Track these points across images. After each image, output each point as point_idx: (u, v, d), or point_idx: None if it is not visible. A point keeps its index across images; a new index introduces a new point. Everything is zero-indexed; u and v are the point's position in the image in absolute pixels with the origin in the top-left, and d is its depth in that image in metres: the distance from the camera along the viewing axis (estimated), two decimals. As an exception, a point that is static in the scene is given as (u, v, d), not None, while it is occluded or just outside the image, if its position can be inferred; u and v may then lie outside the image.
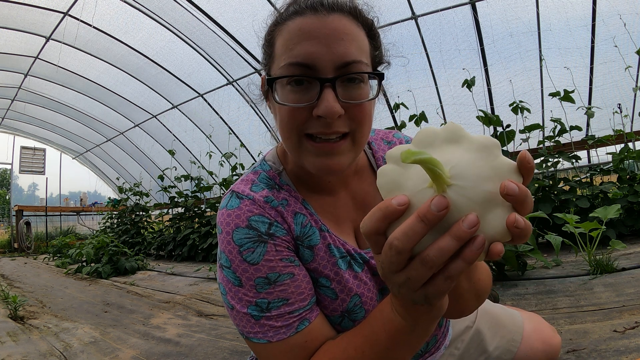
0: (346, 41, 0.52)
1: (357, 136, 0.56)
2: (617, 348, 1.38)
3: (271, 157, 0.68)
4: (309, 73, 0.52)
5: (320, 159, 0.55)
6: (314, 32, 0.52)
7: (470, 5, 4.65)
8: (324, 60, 0.51)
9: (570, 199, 3.51)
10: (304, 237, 0.61)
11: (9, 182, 15.20)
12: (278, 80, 0.54)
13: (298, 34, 0.53)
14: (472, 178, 0.34)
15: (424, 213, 0.32)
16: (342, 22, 0.53)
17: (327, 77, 0.51)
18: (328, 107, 0.51)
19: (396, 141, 0.75)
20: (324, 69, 0.52)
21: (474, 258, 0.33)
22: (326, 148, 0.54)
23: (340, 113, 0.52)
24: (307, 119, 0.53)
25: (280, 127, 0.57)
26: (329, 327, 0.59)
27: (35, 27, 6.24)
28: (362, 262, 0.64)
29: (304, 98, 0.53)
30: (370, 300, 0.62)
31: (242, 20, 5.59)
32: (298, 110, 0.53)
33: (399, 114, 4.81)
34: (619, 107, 4.54)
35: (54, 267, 6.30)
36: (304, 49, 0.52)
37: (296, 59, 0.52)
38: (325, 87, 0.51)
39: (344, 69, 0.52)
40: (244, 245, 0.56)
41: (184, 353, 2.00)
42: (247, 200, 0.59)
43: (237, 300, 0.56)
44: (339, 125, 0.53)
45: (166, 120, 8.53)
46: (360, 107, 0.54)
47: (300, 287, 0.57)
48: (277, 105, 0.55)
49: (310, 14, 0.53)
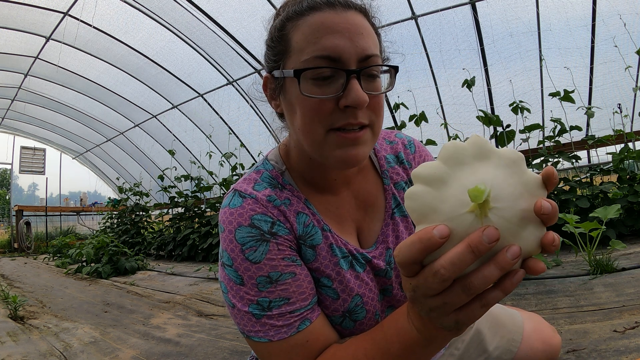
0: (365, 36, 0.54)
1: (375, 127, 0.57)
2: (617, 348, 1.38)
3: (273, 157, 0.68)
4: (337, 66, 0.53)
5: (345, 150, 0.55)
6: (337, 26, 0.53)
7: (470, 5, 4.65)
8: (349, 53, 0.53)
9: (570, 199, 3.51)
10: (307, 236, 0.61)
11: (9, 182, 15.20)
12: (302, 73, 0.54)
13: (321, 28, 0.53)
14: (508, 198, 0.34)
15: (476, 244, 0.32)
16: (358, 18, 0.55)
17: (353, 69, 0.53)
18: (358, 96, 0.52)
19: (398, 141, 0.74)
20: (348, 62, 0.53)
21: (511, 290, 0.34)
22: (352, 138, 0.55)
23: (367, 102, 0.53)
24: (332, 111, 0.54)
25: (303, 121, 0.56)
26: (330, 327, 0.59)
27: (35, 27, 6.24)
28: (364, 262, 0.64)
29: (330, 90, 0.53)
30: (372, 301, 0.62)
31: (242, 20, 5.59)
32: (324, 102, 0.54)
33: (399, 114, 4.81)
34: (619, 107, 4.54)
35: (54, 267, 6.30)
36: (330, 42, 0.53)
37: (323, 52, 0.53)
38: (352, 78, 0.53)
39: (364, 62, 0.54)
40: (247, 243, 0.56)
41: (184, 353, 2.00)
42: (250, 199, 0.59)
43: (239, 299, 0.56)
44: (362, 116, 0.54)
45: (166, 120, 8.53)
46: (378, 98, 0.56)
47: (301, 286, 0.57)
48: (298, 99, 0.55)
49: (328, 10, 0.54)
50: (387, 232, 0.67)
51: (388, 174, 0.70)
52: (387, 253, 0.66)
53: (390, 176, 0.70)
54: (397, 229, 0.67)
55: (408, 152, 0.73)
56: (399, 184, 0.70)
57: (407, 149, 0.73)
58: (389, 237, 0.66)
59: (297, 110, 0.56)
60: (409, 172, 0.71)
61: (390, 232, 0.67)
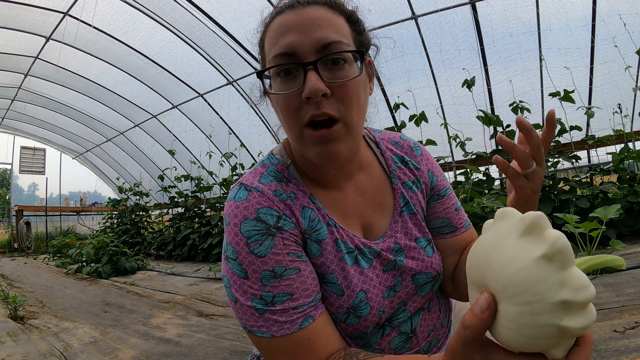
0: (323, 26, 0.55)
1: (347, 120, 0.57)
2: (617, 348, 1.38)
3: (278, 151, 0.68)
4: (293, 61, 0.55)
5: (319, 147, 0.56)
6: (292, 24, 0.56)
7: (470, 5, 4.65)
8: (304, 46, 0.54)
9: (570, 199, 3.51)
10: (312, 231, 0.61)
11: (9, 182, 15.18)
12: (271, 75, 0.58)
13: (279, 29, 0.57)
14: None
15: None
16: (318, 11, 0.57)
17: (309, 61, 0.54)
18: (311, 86, 0.53)
19: (404, 143, 0.75)
20: (305, 55, 0.55)
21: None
22: (323, 135, 0.55)
23: (325, 92, 0.53)
24: (301, 105, 0.55)
25: (283, 120, 0.59)
26: (333, 327, 0.59)
27: (35, 27, 6.24)
28: (372, 256, 0.64)
29: (293, 85, 0.55)
30: (376, 297, 0.62)
31: (242, 20, 5.58)
32: (290, 97, 0.56)
33: (399, 114, 4.81)
34: (619, 107, 4.54)
35: (54, 267, 6.30)
36: (285, 40, 0.55)
37: (279, 50, 0.56)
38: (308, 70, 0.54)
39: (323, 51, 0.55)
40: (252, 237, 0.56)
41: (184, 353, 2.00)
42: (256, 192, 0.60)
43: (242, 293, 0.56)
44: (327, 107, 0.54)
45: (166, 120, 8.53)
46: (345, 87, 0.55)
47: (305, 282, 0.57)
48: (273, 98, 0.59)
49: (289, 11, 0.57)
50: (395, 227, 0.68)
51: (396, 173, 0.71)
52: (395, 247, 0.66)
53: (398, 176, 0.71)
54: (406, 225, 0.68)
55: (415, 155, 0.74)
56: (406, 183, 0.71)
57: (414, 151, 0.75)
58: (397, 233, 0.67)
59: (277, 109, 0.60)
60: (415, 173, 0.72)
61: (399, 228, 0.68)
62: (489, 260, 0.36)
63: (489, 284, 0.36)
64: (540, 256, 0.33)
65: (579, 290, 0.32)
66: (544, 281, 0.32)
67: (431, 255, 0.68)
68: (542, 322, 0.33)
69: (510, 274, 0.34)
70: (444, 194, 0.74)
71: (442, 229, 0.72)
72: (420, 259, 0.66)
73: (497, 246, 0.36)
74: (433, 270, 0.67)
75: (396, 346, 0.66)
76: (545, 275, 0.32)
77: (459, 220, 0.73)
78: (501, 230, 0.37)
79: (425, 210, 0.72)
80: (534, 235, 0.34)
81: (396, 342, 0.66)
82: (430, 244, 0.69)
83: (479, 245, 0.38)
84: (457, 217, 0.73)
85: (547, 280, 0.32)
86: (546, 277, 0.32)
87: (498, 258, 0.35)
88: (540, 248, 0.33)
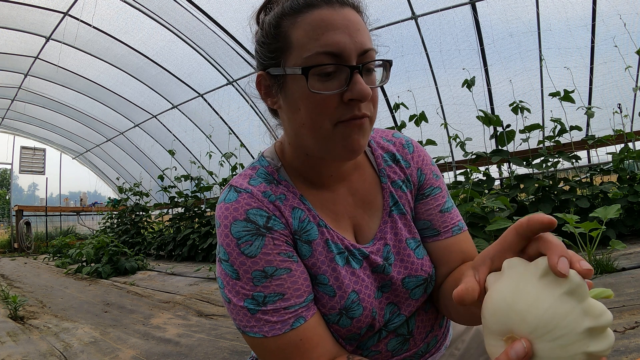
0: (362, 31, 0.56)
1: (373, 118, 0.59)
2: (617, 348, 1.38)
3: (269, 154, 0.68)
4: (339, 61, 0.55)
5: (351, 139, 0.57)
6: (337, 22, 0.55)
7: (470, 5, 4.65)
8: (350, 48, 0.54)
9: (570, 199, 3.51)
10: (302, 231, 0.61)
11: (9, 182, 15.19)
12: (310, 70, 0.55)
13: (322, 25, 0.55)
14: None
15: None
16: (354, 15, 0.57)
17: (355, 65, 0.55)
18: (363, 89, 0.54)
19: (395, 141, 0.74)
20: (349, 57, 0.55)
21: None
22: (358, 123, 0.57)
23: (371, 95, 0.55)
24: (337, 106, 0.56)
25: (308, 117, 0.56)
26: (325, 328, 0.59)
27: (35, 27, 6.24)
28: (362, 257, 0.64)
29: (334, 85, 0.55)
30: (368, 297, 0.62)
31: (242, 21, 5.54)
32: (330, 98, 0.55)
33: (399, 114, 4.82)
34: (619, 107, 4.54)
35: (54, 267, 6.30)
36: (332, 38, 0.54)
37: (326, 48, 0.54)
38: (355, 73, 0.55)
39: (363, 57, 0.56)
40: (242, 238, 0.57)
41: (184, 353, 2.00)
42: (245, 193, 0.60)
43: (234, 294, 0.57)
44: (365, 108, 0.56)
45: (166, 120, 8.53)
46: (375, 91, 0.59)
47: (297, 282, 0.57)
48: (303, 95, 0.55)
49: (326, 7, 0.56)
50: (385, 229, 0.67)
51: (385, 172, 0.70)
52: (384, 249, 0.66)
53: (387, 174, 0.70)
54: (395, 226, 0.67)
55: (406, 152, 0.73)
56: (395, 182, 0.70)
57: (405, 148, 0.73)
58: (387, 234, 0.67)
59: (301, 107, 0.56)
60: (405, 172, 0.71)
61: (388, 229, 0.67)
62: (512, 306, 0.38)
63: (515, 329, 0.38)
64: (563, 293, 0.36)
65: (600, 316, 0.35)
66: (570, 314, 0.35)
67: (421, 257, 0.67)
68: (572, 351, 0.35)
69: (537, 314, 0.36)
70: (429, 194, 0.71)
71: (424, 232, 0.69)
72: (409, 261, 0.66)
73: (517, 292, 0.38)
74: (424, 272, 0.66)
75: (393, 348, 0.65)
76: (570, 309, 0.36)
77: (442, 224, 0.68)
78: (516, 277, 0.39)
79: (413, 210, 0.71)
80: (552, 276, 0.37)
81: (393, 344, 0.65)
82: (421, 246, 0.68)
83: (497, 294, 0.40)
84: (440, 219, 0.69)
85: (572, 312, 0.35)
86: (572, 310, 0.35)
87: (522, 302, 0.37)
88: (562, 286, 0.36)
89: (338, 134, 0.56)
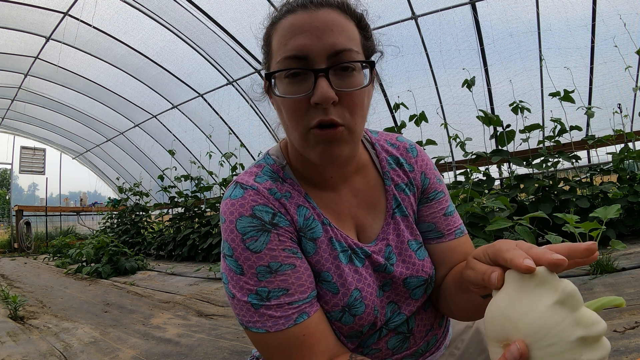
0: (335, 32, 0.55)
1: (351, 127, 0.57)
2: (617, 348, 1.38)
3: (275, 152, 0.69)
4: (304, 65, 0.55)
5: (322, 147, 0.56)
6: (305, 26, 0.55)
7: (470, 5, 4.65)
8: (316, 51, 0.54)
9: (570, 199, 3.51)
10: (307, 229, 0.62)
11: (9, 182, 15.18)
12: (277, 75, 0.57)
13: (290, 30, 0.56)
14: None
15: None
16: (331, 15, 0.56)
17: (320, 68, 0.54)
18: (322, 94, 0.53)
19: (399, 145, 0.75)
20: (317, 60, 0.54)
21: None
22: (329, 134, 0.55)
23: (335, 99, 0.54)
24: (308, 109, 0.55)
25: (287, 120, 0.58)
26: (328, 325, 0.60)
27: (35, 27, 6.24)
28: (364, 256, 0.65)
29: (302, 89, 0.55)
30: (370, 296, 0.62)
31: (242, 21, 5.58)
32: (298, 101, 0.55)
33: (399, 114, 4.81)
34: (619, 107, 4.54)
35: (54, 267, 6.30)
36: (297, 42, 0.55)
37: (290, 53, 0.55)
38: (319, 76, 0.54)
39: (335, 58, 0.55)
40: (248, 233, 0.57)
41: (184, 353, 2.00)
42: (251, 190, 0.60)
43: (238, 289, 0.57)
44: (334, 113, 0.55)
45: (166, 120, 8.53)
46: (352, 95, 0.56)
47: (301, 278, 0.58)
48: (279, 99, 0.58)
49: (301, 11, 0.56)
50: (387, 230, 0.68)
51: (389, 175, 0.71)
52: (386, 249, 0.66)
53: (391, 177, 0.71)
54: (397, 227, 0.68)
55: (410, 156, 0.73)
56: (399, 185, 0.71)
57: (409, 152, 0.74)
58: (389, 235, 0.67)
59: (283, 110, 0.59)
60: (409, 175, 0.72)
61: (391, 230, 0.68)
62: (507, 314, 0.40)
63: (510, 336, 0.39)
64: (553, 302, 0.37)
65: (592, 326, 0.36)
66: (560, 323, 0.36)
67: (422, 258, 0.68)
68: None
69: (528, 323, 0.38)
70: (433, 198, 0.72)
71: (428, 234, 0.71)
72: (411, 262, 0.66)
73: (512, 301, 0.40)
74: (424, 273, 0.67)
75: (394, 346, 0.66)
76: (561, 318, 0.37)
77: (446, 227, 0.70)
78: (514, 287, 0.41)
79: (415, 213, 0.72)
80: (545, 287, 0.38)
81: (393, 342, 0.66)
82: (422, 247, 0.69)
83: (494, 304, 0.42)
84: (444, 222, 0.71)
85: (563, 322, 0.36)
86: (562, 320, 0.37)
87: (516, 311, 0.39)
88: (553, 296, 0.37)
89: (311, 140, 0.57)
